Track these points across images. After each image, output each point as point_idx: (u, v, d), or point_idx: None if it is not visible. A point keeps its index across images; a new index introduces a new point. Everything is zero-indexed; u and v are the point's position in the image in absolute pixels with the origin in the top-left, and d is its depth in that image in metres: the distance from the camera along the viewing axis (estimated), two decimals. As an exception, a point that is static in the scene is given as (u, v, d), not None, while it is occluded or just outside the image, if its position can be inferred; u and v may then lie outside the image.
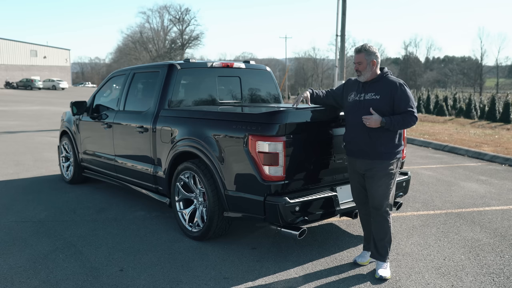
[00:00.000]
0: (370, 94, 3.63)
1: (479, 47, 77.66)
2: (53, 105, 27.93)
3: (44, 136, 12.50)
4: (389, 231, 3.67)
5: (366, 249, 3.92)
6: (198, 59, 6.16)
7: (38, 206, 5.66)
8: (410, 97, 3.57)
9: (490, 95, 24.77)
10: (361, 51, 3.64)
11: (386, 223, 3.66)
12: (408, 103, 3.53)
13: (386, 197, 3.64)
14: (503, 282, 3.54)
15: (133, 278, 3.61)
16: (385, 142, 3.60)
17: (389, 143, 3.62)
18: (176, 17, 76.67)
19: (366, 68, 3.63)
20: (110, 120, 5.70)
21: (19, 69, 63.70)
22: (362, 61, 3.62)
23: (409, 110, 3.52)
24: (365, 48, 3.64)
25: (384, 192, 3.63)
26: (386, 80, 3.62)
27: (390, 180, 3.64)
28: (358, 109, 3.64)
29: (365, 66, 3.63)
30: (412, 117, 3.54)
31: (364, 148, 3.64)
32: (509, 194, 6.30)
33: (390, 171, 3.63)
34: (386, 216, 3.65)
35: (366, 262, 3.88)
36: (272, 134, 3.65)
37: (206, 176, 4.19)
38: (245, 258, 4.00)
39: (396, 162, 3.67)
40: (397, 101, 3.54)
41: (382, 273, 3.59)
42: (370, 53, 3.62)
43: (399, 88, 3.55)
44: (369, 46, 3.66)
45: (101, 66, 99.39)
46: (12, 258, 4.01)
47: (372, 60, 3.62)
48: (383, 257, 3.67)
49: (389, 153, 3.63)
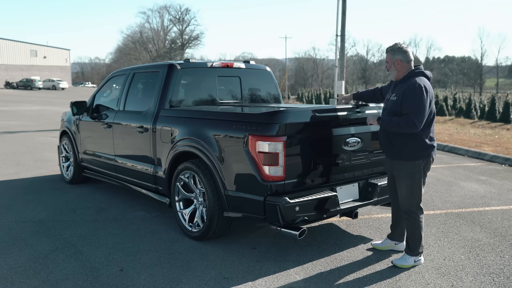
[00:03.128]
0: (393, 95, 3.72)
1: (479, 47, 77.90)
2: (53, 105, 27.93)
3: (44, 136, 12.50)
4: (415, 230, 3.78)
5: (389, 237, 4.13)
6: (198, 59, 6.16)
7: (38, 206, 5.66)
8: (416, 103, 3.48)
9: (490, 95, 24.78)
10: (387, 50, 3.75)
11: (412, 223, 3.77)
12: (410, 108, 3.49)
13: (407, 199, 3.74)
14: (503, 282, 3.54)
15: (133, 278, 3.61)
16: (402, 142, 3.65)
17: (407, 143, 3.64)
18: (176, 17, 76.75)
19: (391, 67, 3.75)
20: (110, 120, 5.70)
21: (19, 69, 63.72)
22: (388, 60, 3.76)
23: (407, 115, 3.50)
24: (390, 47, 3.74)
25: (405, 193, 3.75)
26: (407, 82, 3.63)
27: (409, 181, 3.70)
28: (384, 109, 3.80)
29: (390, 65, 3.75)
30: (408, 122, 3.48)
31: (384, 147, 3.84)
32: (509, 194, 6.30)
33: (409, 172, 3.68)
34: (412, 216, 3.76)
35: (384, 247, 4.12)
36: (272, 134, 3.65)
37: (206, 176, 4.19)
38: (245, 258, 4.00)
39: (418, 165, 3.67)
40: (403, 104, 3.56)
41: (396, 262, 3.82)
42: (394, 52, 3.69)
43: (410, 91, 3.53)
44: (397, 45, 3.71)
45: (101, 66, 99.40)
46: (12, 258, 4.01)
47: (397, 60, 3.68)
48: (410, 251, 3.81)
49: (407, 153, 3.66)
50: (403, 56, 3.67)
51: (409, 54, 3.70)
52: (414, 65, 3.74)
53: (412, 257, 3.81)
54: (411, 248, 3.81)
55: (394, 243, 4.12)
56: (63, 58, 71.90)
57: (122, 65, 57.69)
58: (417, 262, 3.82)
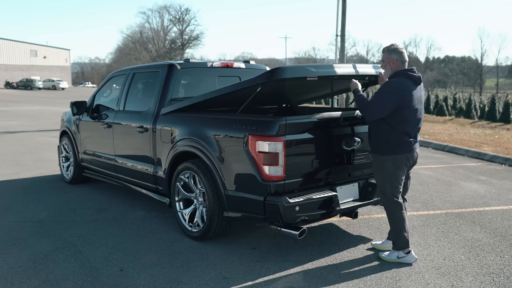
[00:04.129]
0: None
1: (479, 47, 77.94)
2: (53, 105, 27.92)
3: (44, 136, 12.50)
4: (394, 224, 3.86)
5: (389, 237, 4.13)
6: (198, 59, 6.16)
7: (38, 206, 5.66)
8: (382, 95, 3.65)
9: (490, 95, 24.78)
10: (384, 50, 3.85)
11: (391, 215, 3.87)
12: (376, 98, 3.67)
13: (383, 192, 3.86)
14: (503, 282, 3.54)
15: (133, 278, 3.61)
16: (376, 137, 3.81)
17: (379, 138, 3.78)
18: (176, 17, 76.71)
19: (386, 66, 3.83)
20: (110, 120, 5.70)
21: (19, 69, 63.69)
22: (384, 59, 3.85)
23: (371, 101, 3.69)
24: (387, 47, 3.84)
25: (379, 186, 3.90)
26: (389, 79, 3.80)
27: (383, 175, 3.82)
28: None
29: (385, 64, 3.84)
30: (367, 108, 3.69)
31: (368, 142, 3.97)
32: (509, 194, 6.30)
33: (381, 165, 3.81)
34: (390, 209, 3.86)
35: (382, 248, 4.14)
36: (272, 134, 3.65)
37: (206, 176, 4.19)
38: (245, 258, 4.00)
39: (392, 159, 3.75)
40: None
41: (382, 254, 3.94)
42: (391, 52, 3.79)
43: (383, 85, 3.75)
44: (393, 46, 3.81)
45: (101, 66, 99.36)
46: (12, 258, 4.01)
47: (392, 59, 3.79)
48: (396, 245, 3.88)
49: (379, 147, 3.80)
50: (398, 56, 3.77)
51: (404, 55, 3.81)
52: (409, 67, 3.81)
53: (395, 252, 3.87)
54: (394, 242, 3.91)
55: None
56: (63, 58, 71.88)
57: (122, 65, 57.70)
58: (401, 259, 3.83)
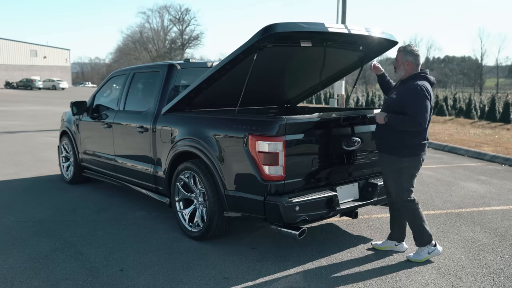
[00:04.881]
0: (394, 93, 3.84)
1: (479, 47, 77.69)
2: (53, 105, 27.92)
3: (44, 136, 12.49)
4: (415, 221, 3.87)
5: (389, 237, 4.15)
6: (198, 59, 6.15)
7: (38, 206, 5.66)
8: (418, 103, 3.61)
9: (490, 95, 24.77)
10: (400, 50, 3.84)
11: (410, 213, 3.87)
12: (413, 109, 3.62)
13: (398, 194, 3.87)
14: (503, 282, 3.54)
15: (133, 278, 3.61)
16: (393, 140, 3.78)
17: (396, 141, 3.77)
18: (176, 17, 76.69)
19: (400, 67, 3.82)
20: (110, 120, 5.70)
21: (19, 69, 63.69)
22: (398, 59, 3.83)
23: (412, 114, 3.62)
24: (404, 48, 3.83)
25: (395, 189, 3.87)
26: (409, 83, 3.76)
27: (399, 177, 3.82)
28: (384, 106, 3.90)
29: (399, 64, 3.83)
30: (413, 121, 3.63)
31: (378, 143, 3.96)
32: (509, 194, 6.30)
33: (398, 168, 3.80)
34: (407, 209, 3.87)
35: (382, 248, 4.13)
36: (272, 134, 3.65)
37: (206, 176, 4.18)
38: (245, 258, 4.00)
39: (408, 161, 3.78)
40: (404, 104, 3.68)
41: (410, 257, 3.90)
42: (406, 53, 3.79)
43: (411, 93, 3.67)
44: (409, 47, 3.82)
45: (101, 66, 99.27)
46: (12, 258, 4.01)
47: (407, 61, 3.78)
48: (421, 242, 3.88)
49: (396, 150, 3.78)
50: (414, 59, 3.78)
51: (419, 58, 3.83)
52: (421, 70, 3.85)
53: (424, 248, 3.88)
54: (418, 239, 3.89)
55: (394, 244, 4.12)
56: (63, 58, 71.87)
57: (122, 65, 57.65)
58: (432, 253, 3.88)
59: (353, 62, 5.08)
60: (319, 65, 4.91)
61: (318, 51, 4.49)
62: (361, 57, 4.91)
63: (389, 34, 4.49)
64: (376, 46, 4.67)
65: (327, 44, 4.32)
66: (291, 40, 4.04)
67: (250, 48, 3.86)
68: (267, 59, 4.27)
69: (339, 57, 4.76)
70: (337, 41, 4.34)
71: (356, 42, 4.49)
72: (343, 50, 4.62)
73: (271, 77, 5.05)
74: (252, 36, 3.78)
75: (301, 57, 4.66)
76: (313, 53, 4.55)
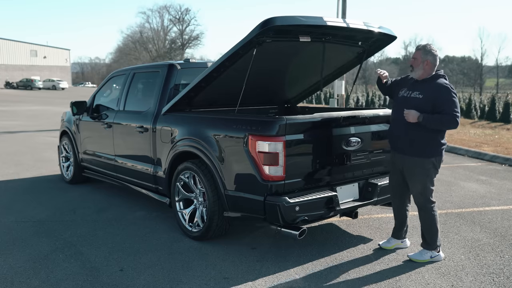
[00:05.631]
0: (415, 92, 3.79)
1: (479, 47, 77.75)
2: (53, 105, 27.92)
3: (44, 136, 12.50)
4: (432, 224, 3.88)
5: (394, 236, 4.18)
6: (198, 59, 6.15)
7: (38, 206, 5.66)
8: (455, 101, 3.65)
9: (490, 95, 24.78)
10: (419, 48, 3.80)
11: (429, 217, 3.86)
12: (451, 106, 3.63)
13: (422, 194, 3.84)
14: (503, 282, 3.54)
15: (133, 278, 3.61)
16: (422, 140, 3.75)
17: (426, 141, 3.75)
18: (176, 17, 76.72)
19: (419, 66, 3.78)
20: (110, 120, 5.71)
21: (19, 69, 63.68)
22: (418, 57, 3.78)
23: (451, 113, 3.62)
24: (424, 47, 3.80)
25: (420, 189, 3.83)
26: (434, 82, 3.75)
27: (425, 177, 3.81)
28: (403, 106, 3.81)
29: (418, 63, 3.78)
30: (452, 120, 3.61)
31: (402, 143, 3.85)
32: (509, 194, 6.30)
33: (425, 168, 3.79)
34: (428, 211, 3.86)
35: (391, 247, 4.15)
36: (272, 134, 3.65)
37: (206, 176, 4.18)
38: (245, 258, 4.00)
39: (433, 161, 3.79)
40: (439, 103, 3.65)
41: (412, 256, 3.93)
42: (426, 53, 3.76)
43: (444, 91, 3.67)
44: (429, 46, 3.80)
45: (101, 66, 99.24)
46: (12, 258, 4.01)
47: (427, 60, 3.75)
48: (428, 245, 3.91)
49: (424, 151, 3.77)
50: (433, 59, 3.76)
51: (438, 58, 3.81)
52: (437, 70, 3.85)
53: (429, 251, 3.90)
54: (429, 242, 3.90)
55: (400, 241, 4.19)
56: (63, 58, 71.86)
57: (122, 65, 57.63)
58: (434, 258, 3.89)
59: (352, 59, 5.08)
60: (318, 62, 4.90)
61: (317, 47, 4.49)
62: (360, 53, 4.90)
63: (388, 29, 4.49)
64: (375, 41, 4.67)
65: (326, 39, 4.31)
66: (290, 35, 4.03)
67: (249, 43, 3.85)
68: (267, 56, 4.27)
69: (338, 53, 4.76)
70: (336, 36, 4.34)
71: (355, 37, 4.49)
72: (342, 46, 4.61)
73: (270, 76, 5.04)
74: (251, 30, 3.77)
75: (300, 54, 4.66)
76: (312, 50, 4.55)
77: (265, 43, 3.95)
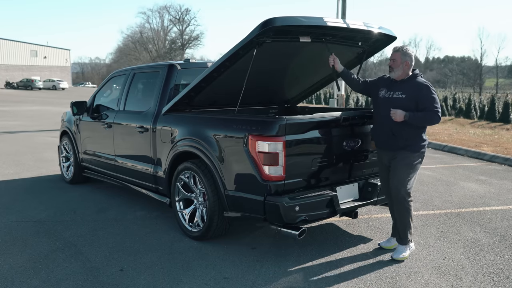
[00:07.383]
0: (397, 93, 3.92)
1: (479, 47, 77.45)
2: (53, 105, 27.93)
3: (44, 136, 12.50)
4: (407, 217, 3.95)
5: (393, 235, 4.22)
6: (198, 59, 6.16)
7: (38, 206, 5.66)
8: (435, 98, 3.82)
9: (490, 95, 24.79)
10: (398, 50, 3.93)
11: (405, 210, 3.94)
12: (432, 103, 3.78)
13: (403, 185, 3.89)
14: (503, 282, 3.54)
15: (133, 278, 3.62)
16: (407, 137, 3.88)
17: (411, 137, 3.89)
18: (176, 17, 76.77)
19: (398, 67, 3.91)
20: (110, 120, 5.71)
21: (19, 69, 63.66)
22: (397, 59, 3.91)
23: (432, 110, 3.78)
24: (402, 49, 3.94)
25: (401, 179, 3.89)
26: (414, 82, 3.91)
27: (410, 170, 3.90)
28: (387, 106, 3.92)
29: (398, 64, 3.91)
30: (435, 116, 3.78)
31: (387, 141, 3.97)
32: (508, 194, 6.31)
33: (411, 162, 3.90)
34: (405, 204, 3.91)
35: (391, 247, 4.16)
36: (272, 134, 3.66)
37: (206, 176, 4.19)
38: (245, 258, 4.00)
39: (419, 156, 3.93)
40: (421, 101, 3.81)
41: (395, 256, 3.95)
42: (405, 55, 3.90)
43: (425, 90, 3.83)
44: (406, 48, 3.95)
45: (101, 66, 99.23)
46: (12, 258, 4.01)
47: (406, 61, 3.90)
48: (402, 240, 3.99)
49: (411, 145, 3.90)
50: (411, 60, 3.92)
51: (413, 59, 3.96)
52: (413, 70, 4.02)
53: (405, 246, 3.98)
54: (402, 237, 3.99)
55: None
56: (63, 58, 71.83)
57: (122, 65, 57.63)
58: (411, 249, 4.03)
59: (352, 59, 5.08)
60: (318, 62, 4.90)
61: (317, 48, 4.50)
62: (360, 53, 4.91)
63: (388, 29, 4.50)
64: (375, 42, 4.68)
65: (326, 39, 4.32)
66: (290, 35, 4.04)
67: (249, 43, 3.86)
68: (267, 56, 4.27)
69: (338, 53, 4.76)
70: (336, 37, 4.34)
71: (355, 38, 4.50)
72: (342, 46, 4.62)
73: (270, 76, 5.05)
74: (251, 31, 3.78)
75: (300, 55, 4.66)
76: (312, 50, 4.56)
77: (265, 44, 3.95)
